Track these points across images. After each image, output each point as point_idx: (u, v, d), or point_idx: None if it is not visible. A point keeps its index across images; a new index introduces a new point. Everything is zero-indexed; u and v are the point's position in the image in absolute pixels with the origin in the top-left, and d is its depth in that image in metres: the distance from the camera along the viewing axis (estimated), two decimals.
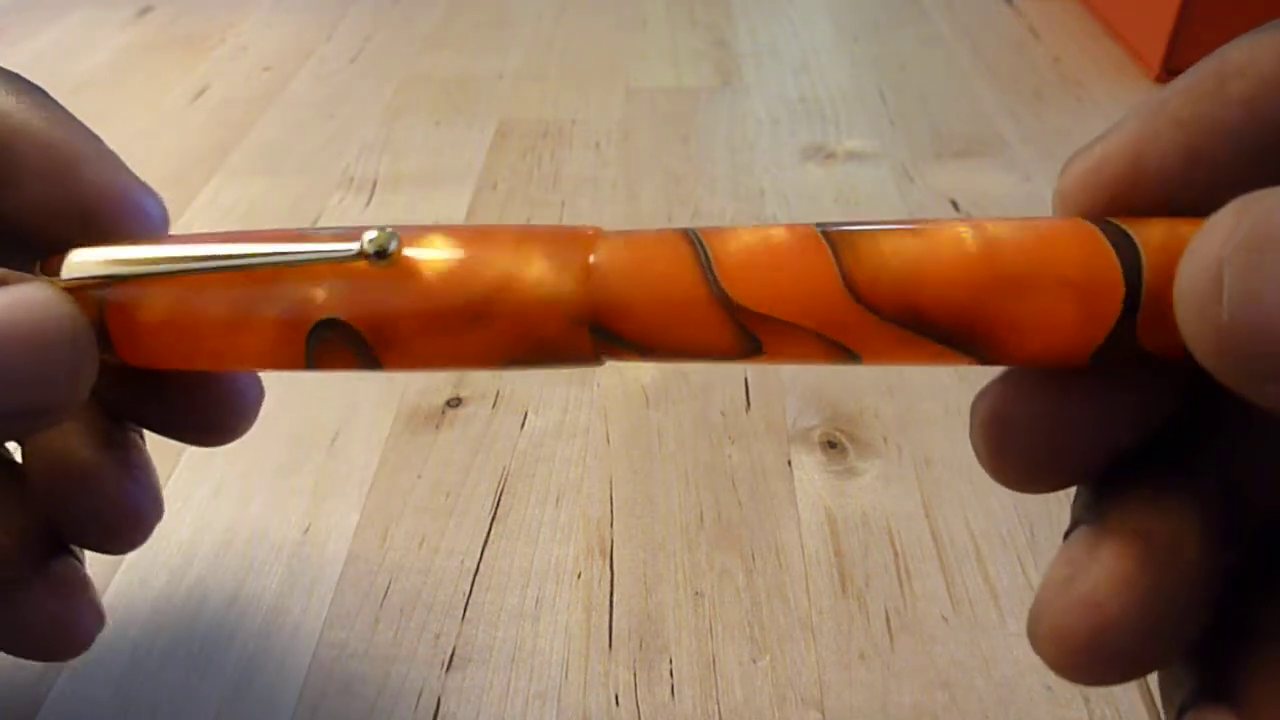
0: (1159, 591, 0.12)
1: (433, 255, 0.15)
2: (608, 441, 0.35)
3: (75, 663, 0.28)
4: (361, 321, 0.15)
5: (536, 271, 0.14)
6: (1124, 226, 0.13)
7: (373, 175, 0.52)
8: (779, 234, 0.14)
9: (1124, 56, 0.63)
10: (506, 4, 0.74)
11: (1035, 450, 0.14)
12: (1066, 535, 0.14)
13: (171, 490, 0.34)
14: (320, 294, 0.15)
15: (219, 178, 0.53)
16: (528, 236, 0.15)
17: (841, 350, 0.13)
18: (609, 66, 0.64)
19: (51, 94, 0.17)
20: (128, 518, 0.19)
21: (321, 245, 0.15)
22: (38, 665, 0.28)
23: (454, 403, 0.37)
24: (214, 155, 0.55)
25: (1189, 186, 0.13)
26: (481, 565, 0.31)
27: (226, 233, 0.16)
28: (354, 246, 0.15)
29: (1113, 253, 0.12)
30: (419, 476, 0.34)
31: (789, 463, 0.34)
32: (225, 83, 0.64)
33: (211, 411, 0.19)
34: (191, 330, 0.16)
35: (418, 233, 0.15)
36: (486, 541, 0.31)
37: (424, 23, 0.72)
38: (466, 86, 0.62)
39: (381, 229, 0.15)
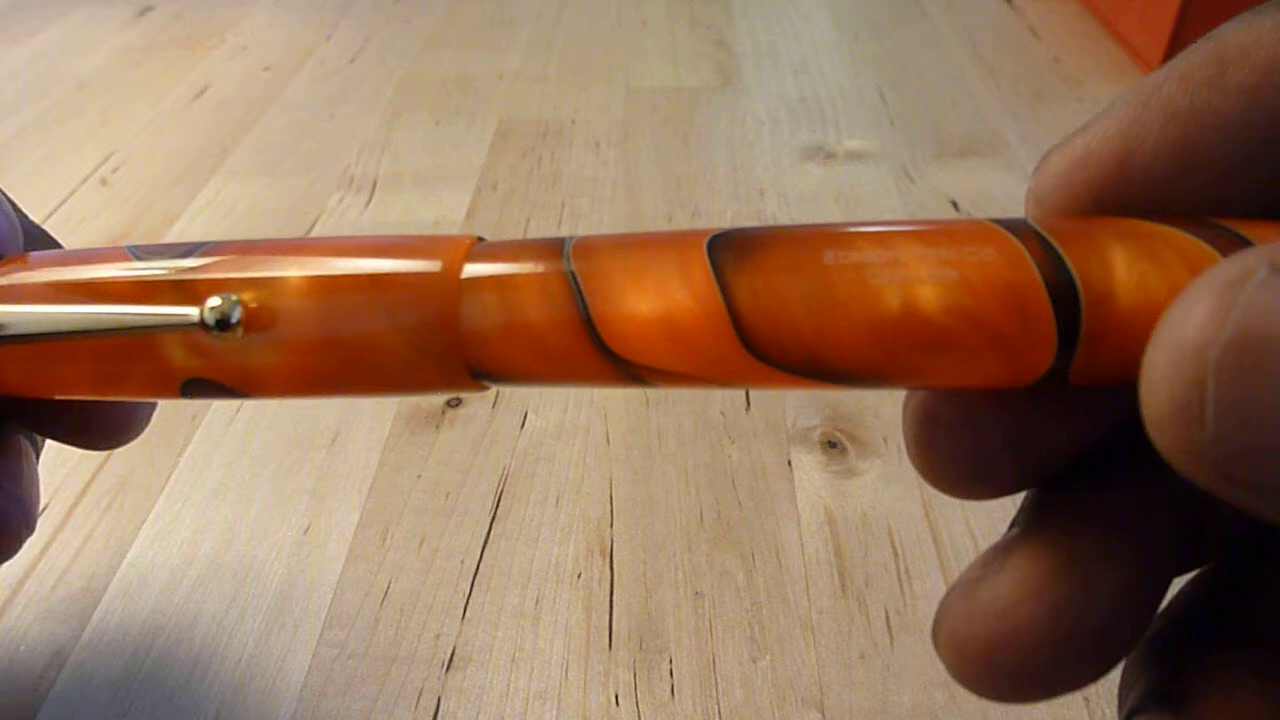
0: (1072, 605, 0.11)
1: (287, 312, 0.14)
2: (608, 441, 0.35)
3: (75, 663, 0.28)
4: (226, 378, 0.14)
5: (402, 330, 0.13)
6: (1064, 256, 0.11)
7: (373, 175, 0.52)
8: (671, 280, 0.12)
9: (1124, 56, 0.63)
10: (506, 4, 0.74)
11: (966, 452, 0.12)
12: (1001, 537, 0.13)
13: (171, 490, 0.34)
14: (177, 356, 0.14)
15: (219, 178, 0.53)
16: (390, 280, 0.13)
17: (734, 388, 0.13)
18: (609, 66, 0.64)
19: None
20: None
21: (162, 310, 0.14)
22: (38, 665, 0.28)
23: (454, 403, 0.37)
24: (214, 155, 0.55)
25: (1182, 186, 0.11)
26: (481, 565, 0.31)
27: (66, 283, 0.15)
28: (193, 313, 0.14)
29: (1048, 298, 0.11)
30: (419, 476, 0.34)
31: (789, 463, 0.34)
32: (225, 83, 0.64)
33: (95, 412, 0.18)
34: (55, 387, 0.15)
35: (266, 290, 0.14)
36: (486, 541, 0.31)
37: (424, 22, 0.72)
38: (466, 86, 0.62)
39: (225, 297, 0.14)
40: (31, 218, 0.19)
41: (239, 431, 0.36)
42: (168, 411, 0.37)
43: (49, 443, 0.19)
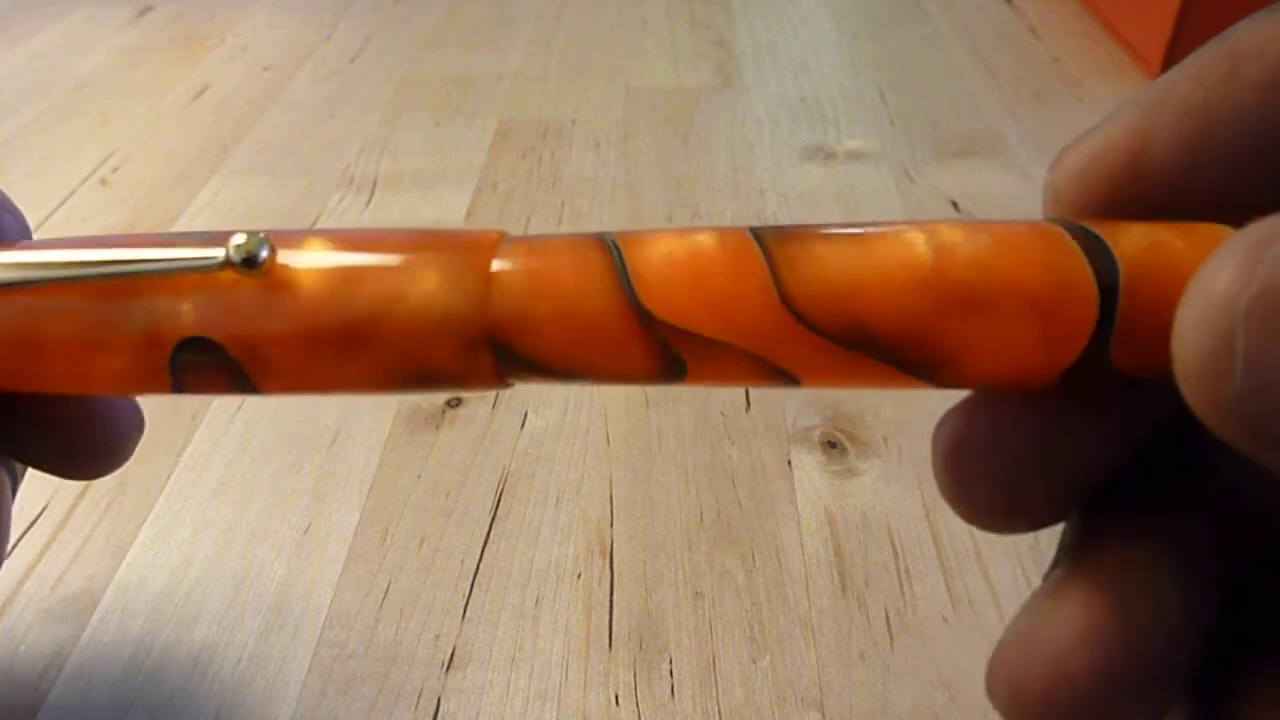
0: (1129, 647, 0.11)
1: (310, 265, 0.13)
2: (608, 441, 0.35)
3: (75, 663, 0.28)
4: (231, 340, 0.13)
5: (427, 285, 0.13)
6: (1098, 233, 0.11)
7: (373, 175, 0.52)
8: (708, 240, 0.12)
9: (1124, 56, 0.63)
10: (506, 4, 0.74)
11: (1003, 483, 0.12)
12: (1046, 575, 0.13)
13: (171, 490, 0.34)
14: (183, 308, 0.13)
15: (219, 178, 0.53)
16: (421, 244, 0.13)
17: (776, 372, 0.12)
18: (609, 66, 0.64)
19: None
20: None
21: (181, 252, 0.13)
22: (38, 664, 0.28)
23: (454, 402, 0.37)
24: (214, 155, 0.55)
25: (1197, 180, 0.11)
26: (481, 565, 0.31)
27: (80, 238, 0.14)
28: (218, 253, 0.13)
29: (1086, 265, 0.11)
30: (419, 476, 0.34)
31: (789, 463, 0.34)
32: (225, 83, 0.64)
33: (79, 435, 0.16)
34: (32, 350, 0.14)
35: (295, 238, 0.13)
36: (486, 541, 0.31)
37: (424, 22, 0.72)
38: (466, 86, 0.62)
39: (252, 233, 0.13)
40: (32, 218, 0.19)
41: (239, 431, 0.36)
42: (167, 411, 0.37)
43: None
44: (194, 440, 0.36)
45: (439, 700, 0.27)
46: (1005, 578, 0.29)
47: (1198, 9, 0.56)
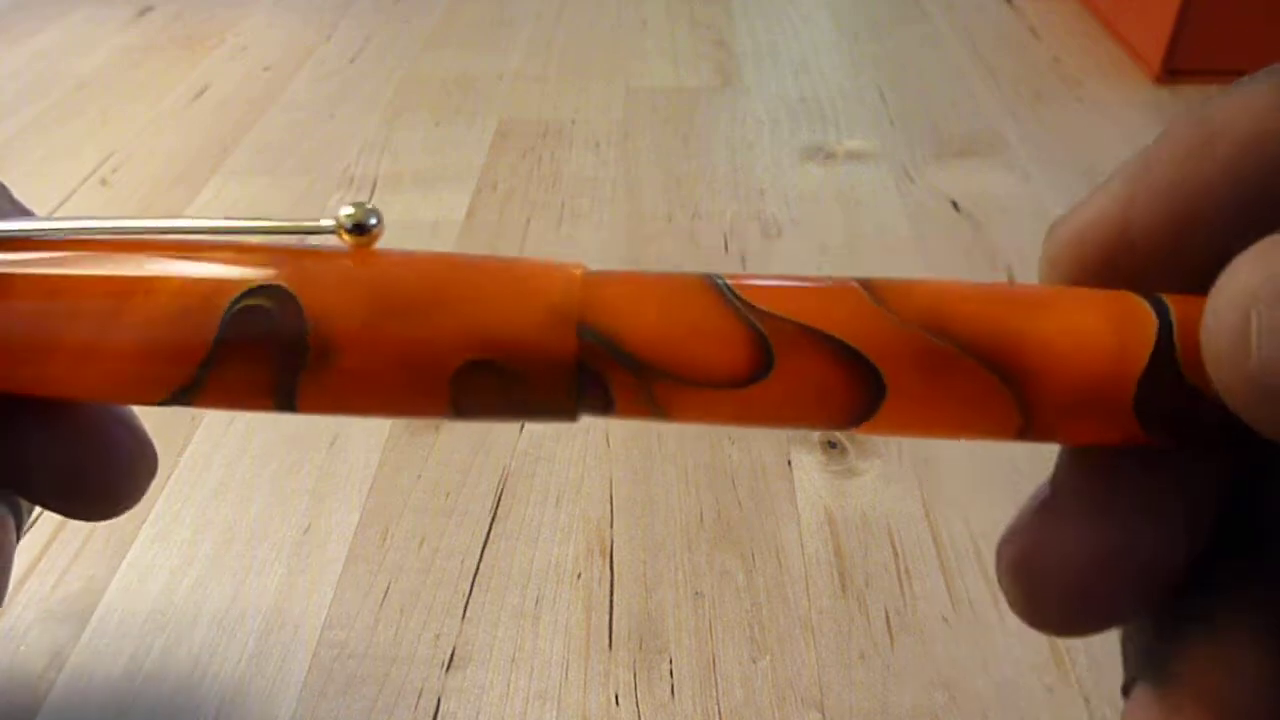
0: None
1: (398, 262, 0.13)
2: (608, 442, 0.35)
3: (75, 663, 0.28)
4: (309, 297, 0.12)
5: (524, 268, 0.13)
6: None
7: (373, 175, 0.52)
8: (806, 278, 0.13)
9: (1124, 56, 0.63)
10: (506, 4, 0.74)
11: (1078, 589, 0.12)
12: (1125, 691, 0.13)
13: (171, 490, 0.34)
14: (246, 261, 0.13)
15: (219, 178, 0.53)
16: (509, 263, 0.13)
17: (864, 368, 0.12)
18: (609, 66, 0.64)
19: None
20: None
21: (277, 222, 0.13)
22: (38, 665, 0.28)
23: None
24: (214, 155, 0.55)
25: (1182, 253, 0.12)
26: (481, 565, 0.31)
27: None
28: (328, 223, 0.13)
29: (1133, 294, 0.12)
30: (419, 476, 0.34)
31: (789, 463, 0.34)
32: (225, 83, 0.64)
33: (80, 475, 0.15)
34: (45, 329, 0.12)
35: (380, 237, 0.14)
36: (486, 541, 0.31)
37: (424, 22, 0.72)
38: (466, 86, 0.62)
39: (360, 204, 0.13)
40: None
41: (239, 431, 0.36)
42: (168, 411, 0.37)
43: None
44: (194, 440, 0.36)
45: (439, 700, 0.27)
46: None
47: (1198, 9, 0.56)
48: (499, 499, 0.33)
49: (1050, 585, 0.12)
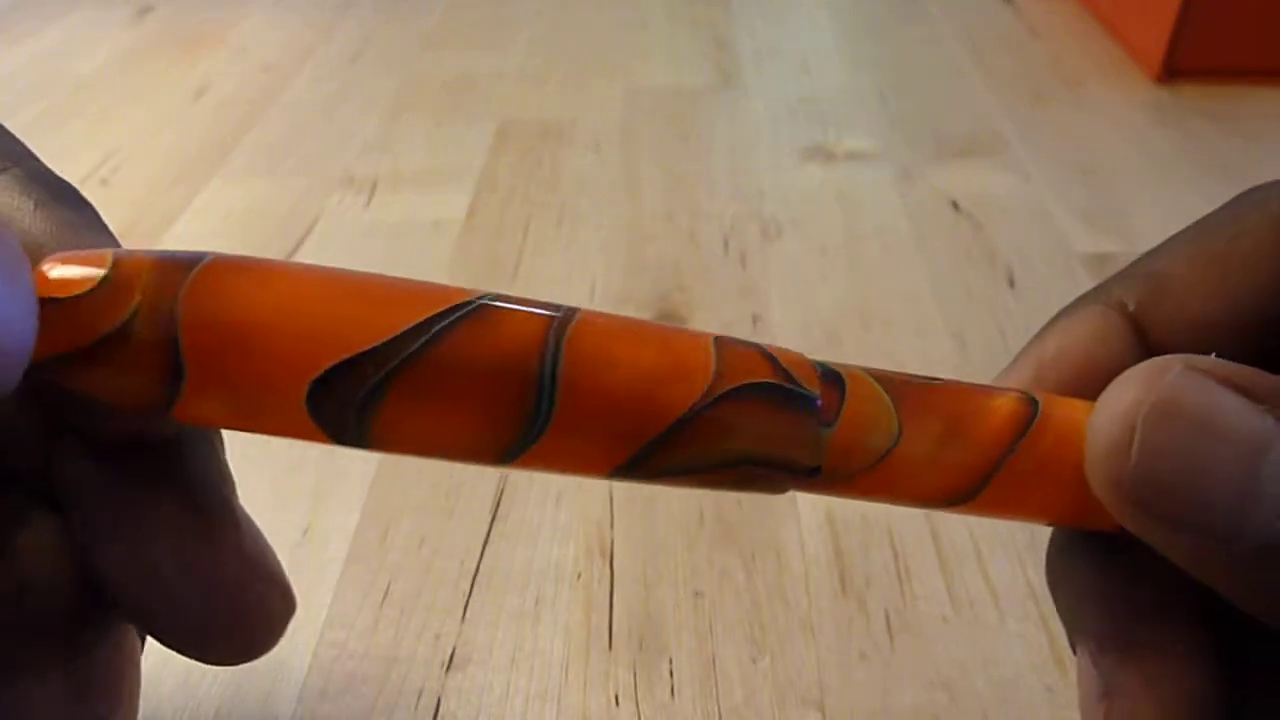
0: None
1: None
2: None
3: None
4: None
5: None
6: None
7: (373, 175, 0.52)
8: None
9: (1124, 56, 0.63)
10: (506, 4, 0.74)
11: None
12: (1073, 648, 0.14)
13: None
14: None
15: (219, 178, 0.53)
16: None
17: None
18: (609, 66, 0.64)
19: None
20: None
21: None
22: None
23: None
24: (214, 156, 0.55)
25: None
26: (481, 565, 0.31)
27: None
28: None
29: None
30: (419, 476, 0.34)
31: None
32: (225, 83, 0.64)
33: (212, 629, 0.14)
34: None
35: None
36: (486, 541, 0.31)
37: (424, 23, 0.72)
38: (466, 86, 0.62)
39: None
40: None
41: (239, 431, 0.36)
42: None
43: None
44: None
45: (439, 700, 0.27)
46: (1005, 578, 0.29)
47: (1198, 9, 0.56)
48: (499, 499, 0.33)
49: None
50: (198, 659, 0.14)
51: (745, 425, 0.12)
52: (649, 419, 0.12)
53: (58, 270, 0.12)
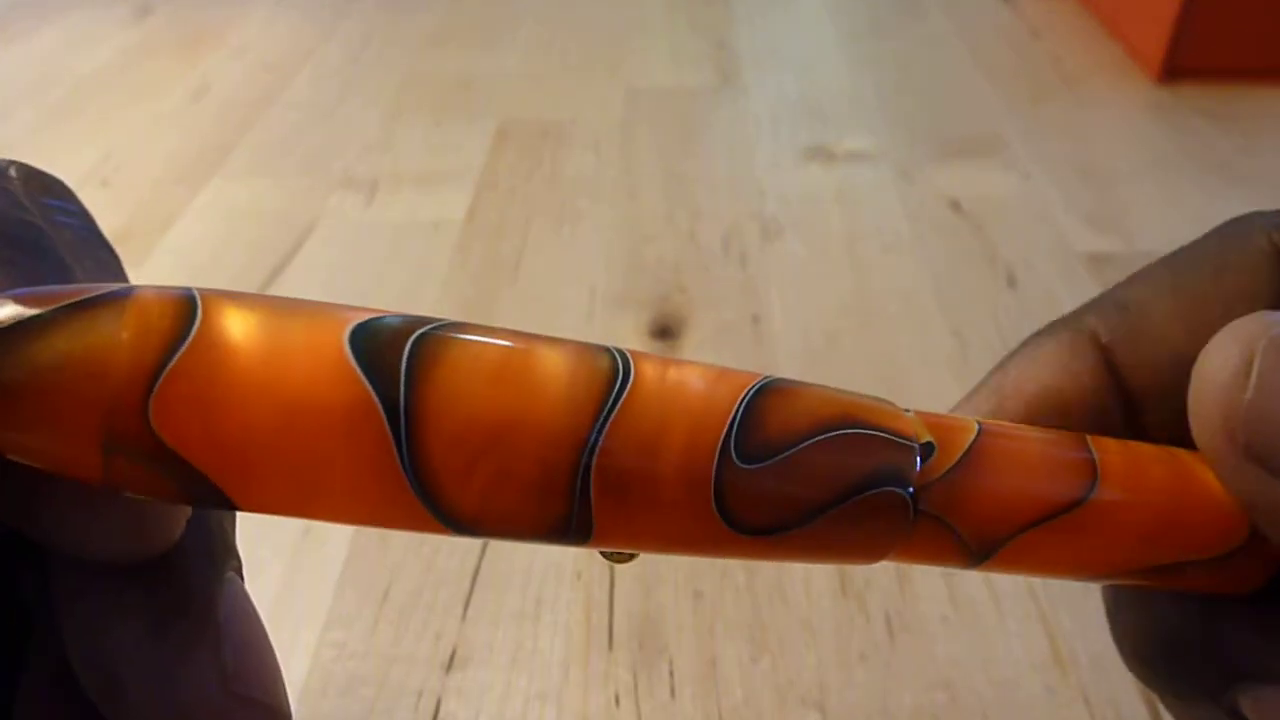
0: None
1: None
2: None
3: None
4: None
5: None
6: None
7: (373, 175, 0.52)
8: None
9: (1124, 56, 0.63)
10: (506, 4, 0.74)
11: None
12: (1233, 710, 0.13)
13: None
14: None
15: (219, 178, 0.53)
16: None
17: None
18: (609, 66, 0.64)
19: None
20: None
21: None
22: None
23: None
24: (214, 155, 0.55)
25: None
26: (481, 565, 0.31)
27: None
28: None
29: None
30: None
31: None
32: (225, 83, 0.64)
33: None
34: None
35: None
36: (487, 542, 0.31)
37: (424, 23, 0.72)
38: (466, 86, 0.62)
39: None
40: None
41: None
42: None
43: None
44: None
45: (439, 700, 0.27)
46: (1005, 578, 0.29)
47: (1198, 9, 0.56)
48: None
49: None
50: None
51: (824, 399, 0.11)
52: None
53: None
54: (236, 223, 0.49)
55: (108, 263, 0.14)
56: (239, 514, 0.12)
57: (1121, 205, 0.48)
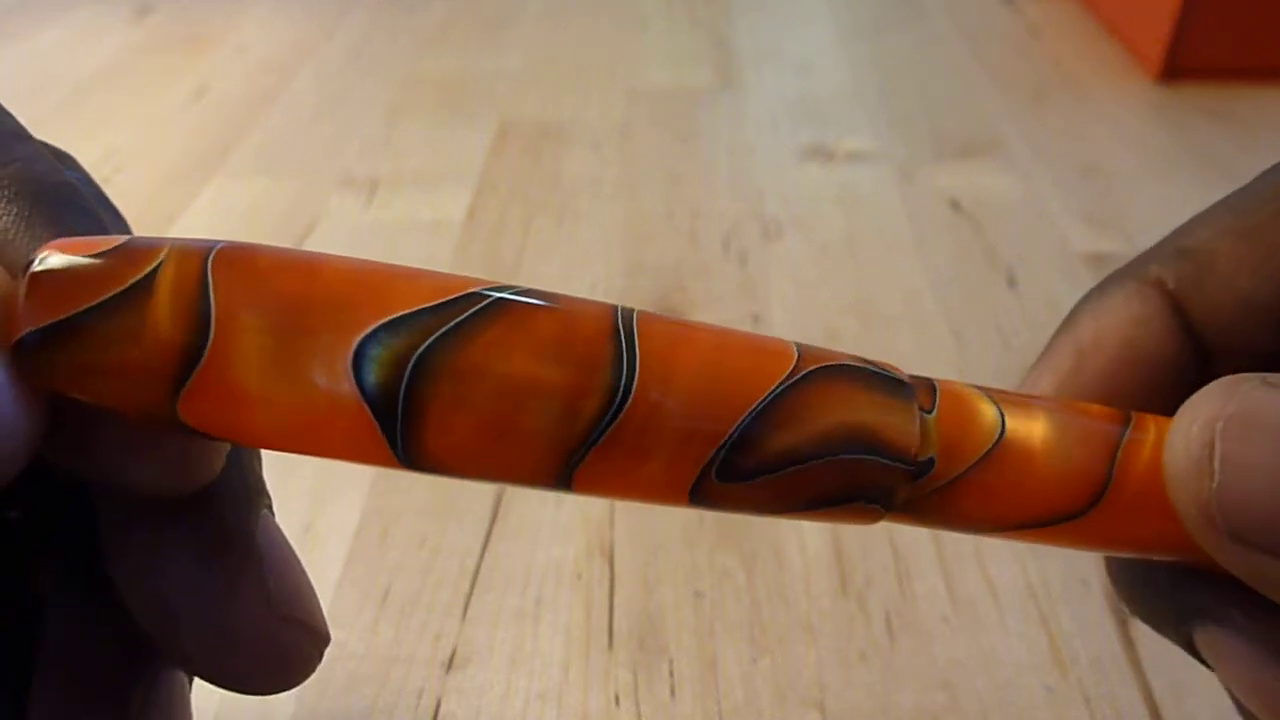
0: None
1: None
2: None
3: None
4: None
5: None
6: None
7: (373, 175, 0.52)
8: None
9: (1124, 56, 0.63)
10: (506, 4, 0.74)
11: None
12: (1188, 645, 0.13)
13: None
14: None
15: (219, 178, 0.53)
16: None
17: None
18: (609, 66, 0.64)
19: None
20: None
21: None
22: None
23: None
24: (214, 155, 0.55)
25: None
26: (481, 565, 0.31)
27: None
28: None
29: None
30: (419, 476, 0.34)
31: None
32: (225, 83, 0.64)
33: (239, 673, 0.14)
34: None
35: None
36: (486, 541, 0.31)
37: (424, 23, 0.72)
38: (466, 86, 0.62)
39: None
40: None
41: None
42: None
43: None
44: None
45: (439, 700, 0.27)
46: (1005, 578, 0.29)
47: (1198, 9, 0.56)
48: (499, 499, 0.33)
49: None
50: (223, 684, 0.15)
51: (840, 400, 0.11)
52: (737, 395, 0.11)
53: (53, 259, 0.10)
54: (237, 222, 0.49)
55: (126, 229, 0.15)
56: None
57: (1122, 205, 0.48)
